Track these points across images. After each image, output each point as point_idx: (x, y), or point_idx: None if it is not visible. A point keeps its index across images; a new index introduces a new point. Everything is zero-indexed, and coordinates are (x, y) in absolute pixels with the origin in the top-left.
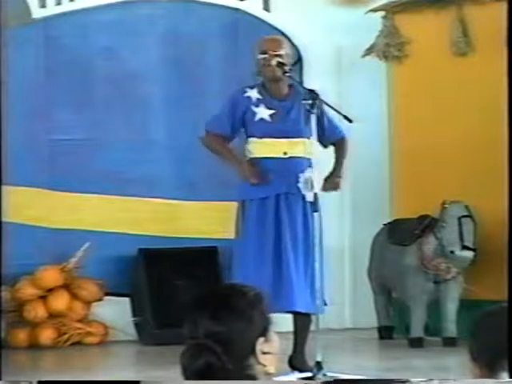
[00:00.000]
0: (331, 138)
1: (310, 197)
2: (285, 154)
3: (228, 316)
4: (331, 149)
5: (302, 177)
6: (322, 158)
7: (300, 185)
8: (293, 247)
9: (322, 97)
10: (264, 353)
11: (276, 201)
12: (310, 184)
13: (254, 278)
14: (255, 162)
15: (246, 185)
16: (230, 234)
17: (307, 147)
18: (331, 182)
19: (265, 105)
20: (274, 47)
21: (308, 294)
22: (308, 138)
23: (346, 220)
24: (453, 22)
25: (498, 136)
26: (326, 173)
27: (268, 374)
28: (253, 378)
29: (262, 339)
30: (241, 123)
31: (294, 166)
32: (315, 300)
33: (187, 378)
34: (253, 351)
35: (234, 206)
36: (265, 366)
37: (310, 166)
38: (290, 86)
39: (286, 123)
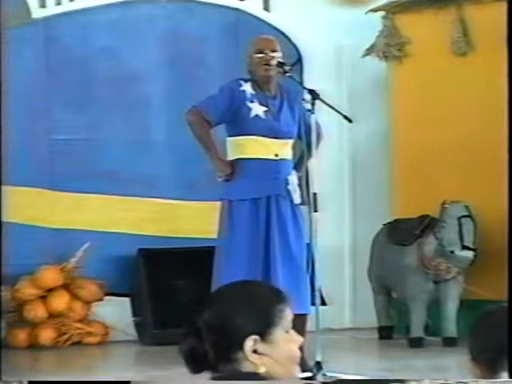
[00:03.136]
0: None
1: (297, 199)
2: (276, 155)
3: (221, 305)
4: (322, 149)
5: (291, 179)
6: (312, 160)
7: (290, 187)
8: (284, 249)
9: (322, 97)
10: (258, 353)
11: (267, 203)
12: (296, 186)
13: (243, 277)
14: (246, 162)
15: (235, 185)
16: None
17: (293, 149)
18: None
19: (258, 101)
20: (271, 47)
21: (302, 294)
22: (295, 139)
23: (345, 220)
24: (453, 22)
25: (498, 136)
26: (320, 173)
27: (258, 374)
28: (240, 372)
29: (255, 337)
30: (230, 117)
31: (283, 169)
32: (310, 300)
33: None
34: (241, 346)
35: None
36: (255, 364)
37: (295, 168)
38: (278, 85)
39: (279, 122)
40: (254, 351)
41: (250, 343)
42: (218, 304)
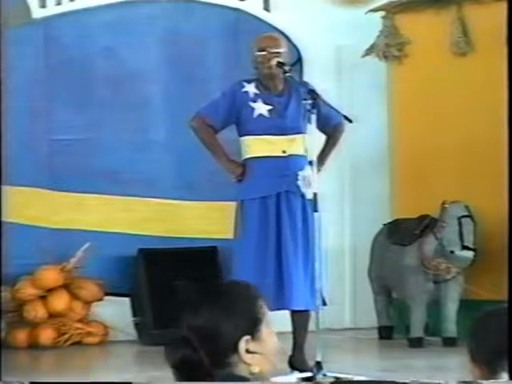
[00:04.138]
0: (329, 123)
1: (309, 194)
2: (284, 152)
3: (208, 311)
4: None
5: (301, 175)
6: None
7: (299, 183)
8: (293, 245)
9: (322, 96)
10: (250, 352)
11: (277, 200)
12: (308, 182)
13: (255, 276)
14: (254, 161)
15: (245, 184)
16: (229, 233)
17: (304, 144)
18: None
19: (262, 100)
20: (273, 45)
21: (307, 291)
22: (305, 134)
23: (346, 220)
24: (453, 22)
25: (497, 136)
26: (321, 173)
27: (253, 374)
28: (236, 376)
29: (247, 337)
30: (234, 119)
31: (293, 165)
32: (314, 298)
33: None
34: (235, 349)
35: (233, 205)
36: (250, 365)
37: (307, 163)
38: (285, 81)
39: (285, 119)
40: (247, 351)
41: (243, 344)
42: (205, 311)
